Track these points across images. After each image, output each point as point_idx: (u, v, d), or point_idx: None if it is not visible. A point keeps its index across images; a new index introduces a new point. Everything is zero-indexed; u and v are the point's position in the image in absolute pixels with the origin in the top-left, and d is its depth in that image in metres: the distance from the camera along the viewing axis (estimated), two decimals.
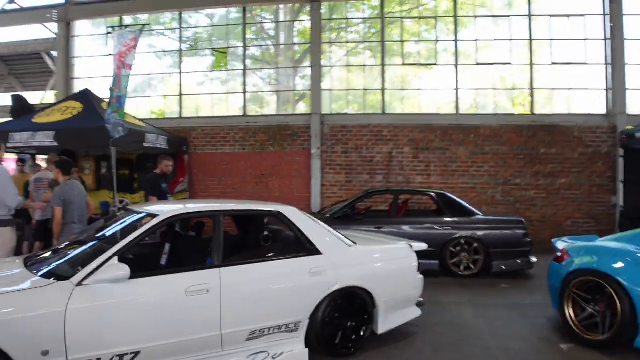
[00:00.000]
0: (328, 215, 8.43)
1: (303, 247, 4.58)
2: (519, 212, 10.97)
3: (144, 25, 9.70)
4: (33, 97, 14.53)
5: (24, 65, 14.65)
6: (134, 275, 3.73)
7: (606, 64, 11.20)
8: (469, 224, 8.14)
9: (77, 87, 12.94)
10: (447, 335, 5.30)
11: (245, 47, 12.62)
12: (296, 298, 4.36)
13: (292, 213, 4.68)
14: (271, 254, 4.56)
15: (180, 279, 3.97)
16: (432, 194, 8.85)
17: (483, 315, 6.04)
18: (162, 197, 7.47)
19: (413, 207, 10.34)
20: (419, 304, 5.32)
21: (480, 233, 8.03)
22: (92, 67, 13.38)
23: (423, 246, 5.38)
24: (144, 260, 4.74)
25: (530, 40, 11.37)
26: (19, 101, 12.49)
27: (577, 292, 5.11)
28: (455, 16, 11.71)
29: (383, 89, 11.92)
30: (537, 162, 11.11)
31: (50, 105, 10.79)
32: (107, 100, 8.60)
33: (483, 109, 11.74)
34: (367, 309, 4.71)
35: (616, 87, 10.99)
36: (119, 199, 12.18)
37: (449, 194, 8.72)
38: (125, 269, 3.63)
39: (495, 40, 11.60)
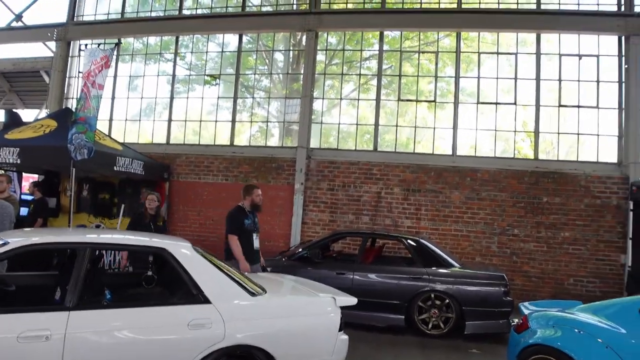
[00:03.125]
0: (284, 259, 7.67)
1: (189, 293, 3.85)
2: (516, 265, 9.97)
3: (117, 44, 9.27)
4: (30, 115, 14.50)
5: (25, 82, 14.59)
6: None
7: (619, 108, 10.16)
8: (442, 276, 7.21)
9: (71, 106, 12.69)
10: None
11: (237, 75, 12.16)
12: (167, 354, 3.62)
13: (180, 251, 3.95)
14: (146, 299, 3.85)
15: (15, 320, 3.31)
16: (404, 239, 7.88)
17: None
18: (245, 235, 6.34)
19: (392, 254, 9.52)
20: None
21: (453, 287, 7.09)
22: None
23: (351, 301, 4.55)
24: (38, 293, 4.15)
25: (538, 79, 10.47)
26: (11, 117, 12.32)
27: None
28: (458, 51, 10.96)
29: (376, 125, 11.16)
30: (539, 212, 10.06)
31: (28, 123, 10.55)
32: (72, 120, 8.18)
33: (482, 152, 10.80)
34: None
35: (629, 134, 9.89)
36: (95, 224, 11.78)
37: (423, 241, 7.79)
38: None
39: (499, 78, 10.76)
